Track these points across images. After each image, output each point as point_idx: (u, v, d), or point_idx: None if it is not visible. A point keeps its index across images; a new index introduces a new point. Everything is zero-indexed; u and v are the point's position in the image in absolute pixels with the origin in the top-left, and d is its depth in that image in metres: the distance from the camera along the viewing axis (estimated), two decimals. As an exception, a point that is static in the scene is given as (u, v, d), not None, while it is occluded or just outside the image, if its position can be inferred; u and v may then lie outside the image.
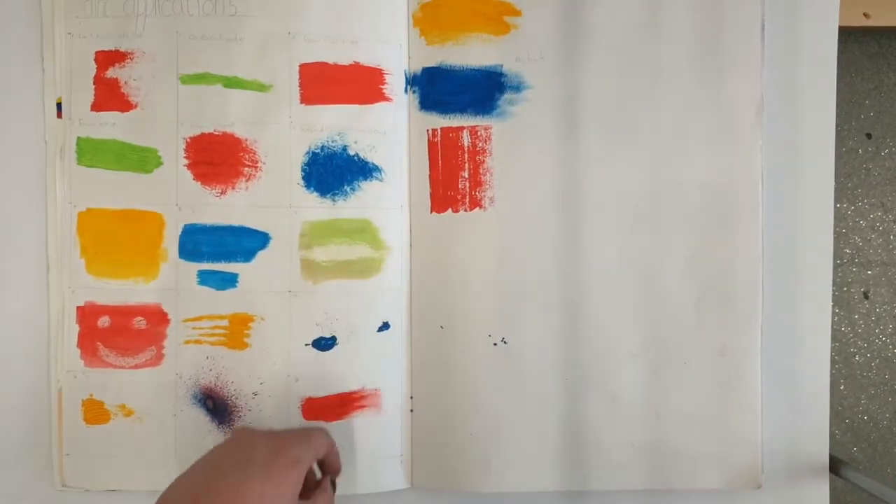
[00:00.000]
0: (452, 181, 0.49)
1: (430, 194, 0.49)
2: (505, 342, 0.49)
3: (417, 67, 0.49)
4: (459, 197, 0.49)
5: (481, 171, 0.49)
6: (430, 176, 0.49)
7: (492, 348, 0.49)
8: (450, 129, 0.49)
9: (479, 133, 0.49)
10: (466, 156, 0.49)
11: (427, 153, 0.49)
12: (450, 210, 0.49)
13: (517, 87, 0.49)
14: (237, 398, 0.48)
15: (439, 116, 0.49)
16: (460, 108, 0.49)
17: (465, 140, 0.49)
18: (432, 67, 0.49)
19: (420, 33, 0.49)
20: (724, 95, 0.48)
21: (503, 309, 0.49)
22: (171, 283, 0.48)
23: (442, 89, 0.49)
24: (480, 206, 0.49)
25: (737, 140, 0.48)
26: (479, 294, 0.49)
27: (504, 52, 0.49)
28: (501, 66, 0.49)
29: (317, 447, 0.41)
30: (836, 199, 0.68)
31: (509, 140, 0.49)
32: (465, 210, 0.49)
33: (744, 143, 0.48)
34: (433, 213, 0.49)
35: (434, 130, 0.49)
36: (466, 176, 0.49)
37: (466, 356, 0.49)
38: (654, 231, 0.49)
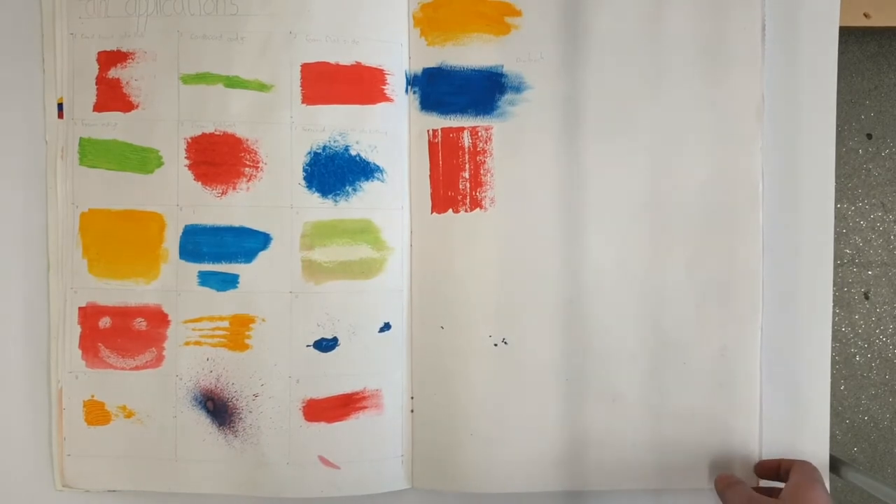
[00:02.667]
0: (453, 182, 0.49)
1: (431, 195, 0.49)
2: (505, 342, 0.49)
3: (418, 68, 0.49)
4: (460, 197, 0.49)
5: (482, 171, 0.49)
6: (431, 176, 0.49)
7: (492, 348, 0.49)
8: (450, 129, 0.49)
9: (479, 133, 0.49)
10: (467, 156, 0.49)
11: (427, 153, 0.49)
12: (450, 210, 0.49)
13: (518, 88, 0.49)
14: (238, 400, 0.48)
15: (440, 117, 0.49)
16: (461, 109, 0.49)
17: (466, 140, 0.49)
18: (433, 68, 0.49)
19: (420, 34, 0.49)
20: (724, 95, 0.48)
21: (503, 309, 0.49)
22: (172, 283, 0.48)
23: (442, 90, 0.49)
24: (481, 207, 0.49)
25: (737, 140, 0.48)
26: (479, 294, 0.49)
27: (504, 52, 0.49)
28: (502, 66, 0.49)
29: None
30: (837, 200, 0.68)
31: (510, 140, 0.49)
32: (466, 210, 0.49)
33: (744, 143, 0.48)
34: (434, 213, 0.49)
35: (434, 131, 0.49)
36: (467, 176, 0.49)
37: (467, 356, 0.49)
38: (654, 231, 0.49)
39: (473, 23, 0.49)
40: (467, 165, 0.49)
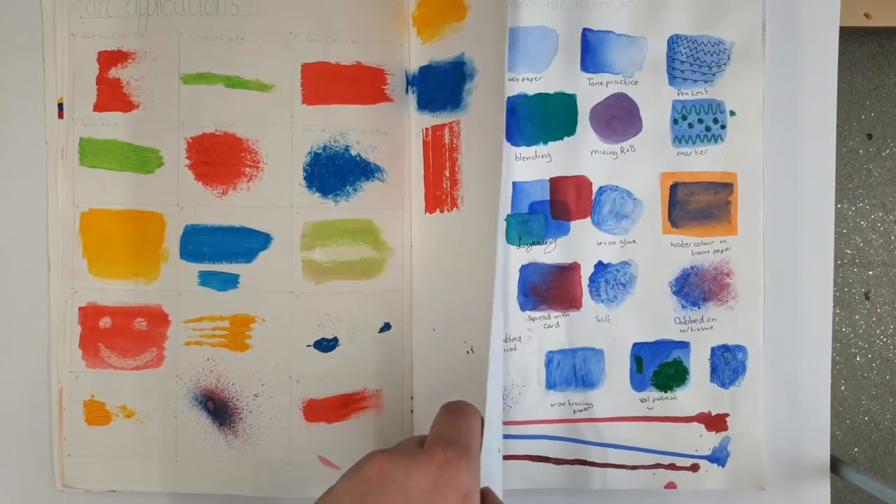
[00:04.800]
0: (439, 181, 0.48)
1: (424, 195, 0.49)
2: (473, 351, 0.45)
3: (415, 67, 0.49)
4: (444, 197, 0.48)
5: (456, 168, 0.47)
6: (424, 176, 0.49)
7: (465, 356, 0.46)
8: (437, 127, 0.48)
9: (454, 129, 0.47)
10: (447, 154, 0.48)
11: (422, 153, 0.49)
12: (438, 210, 0.48)
13: (472, 75, 0.46)
14: (238, 400, 0.48)
15: (430, 115, 0.48)
16: (442, 105, 0.48)
17: (447, 138, 0.48)
18: (425, 66, 0.48)
19: (417, 32, 0.49)
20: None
21: (478, 314, 0.43)
22: (173, 283, 0.48)
23: (431, 87, 0.48)
24: (457, 206, 0.47)
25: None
26: (461, 298, 0.46)
27: (463, 37, 0.46)
28: (464, 53, 0.46)
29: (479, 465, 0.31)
30: (837, 200, 0.69)
31: (469, 134, 0.46)
32: (447, 210, 0.47)
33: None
34: (426, 213, 0.49)
35: (427, 130, 0.49)
36: (448, 175, 0.47)
37: (464, 357, 0.48)
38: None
39: (447, 12, 0.47)
40: (447, 163, 0.47)
